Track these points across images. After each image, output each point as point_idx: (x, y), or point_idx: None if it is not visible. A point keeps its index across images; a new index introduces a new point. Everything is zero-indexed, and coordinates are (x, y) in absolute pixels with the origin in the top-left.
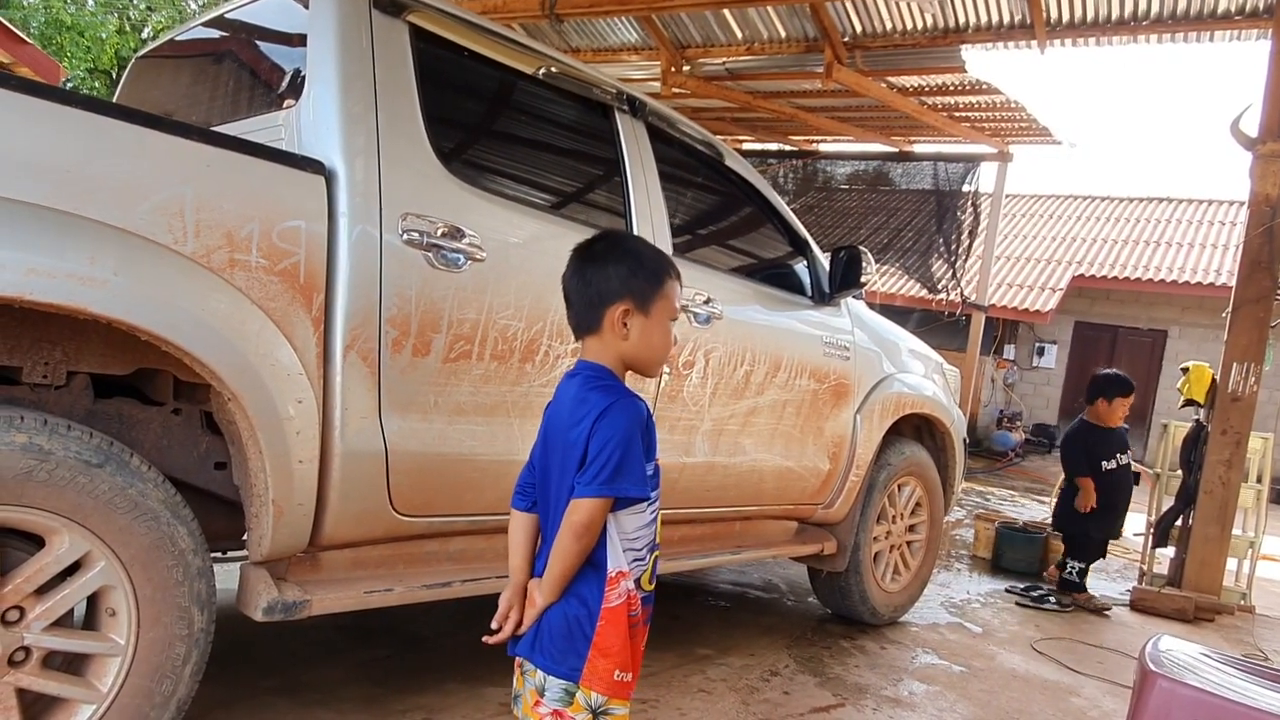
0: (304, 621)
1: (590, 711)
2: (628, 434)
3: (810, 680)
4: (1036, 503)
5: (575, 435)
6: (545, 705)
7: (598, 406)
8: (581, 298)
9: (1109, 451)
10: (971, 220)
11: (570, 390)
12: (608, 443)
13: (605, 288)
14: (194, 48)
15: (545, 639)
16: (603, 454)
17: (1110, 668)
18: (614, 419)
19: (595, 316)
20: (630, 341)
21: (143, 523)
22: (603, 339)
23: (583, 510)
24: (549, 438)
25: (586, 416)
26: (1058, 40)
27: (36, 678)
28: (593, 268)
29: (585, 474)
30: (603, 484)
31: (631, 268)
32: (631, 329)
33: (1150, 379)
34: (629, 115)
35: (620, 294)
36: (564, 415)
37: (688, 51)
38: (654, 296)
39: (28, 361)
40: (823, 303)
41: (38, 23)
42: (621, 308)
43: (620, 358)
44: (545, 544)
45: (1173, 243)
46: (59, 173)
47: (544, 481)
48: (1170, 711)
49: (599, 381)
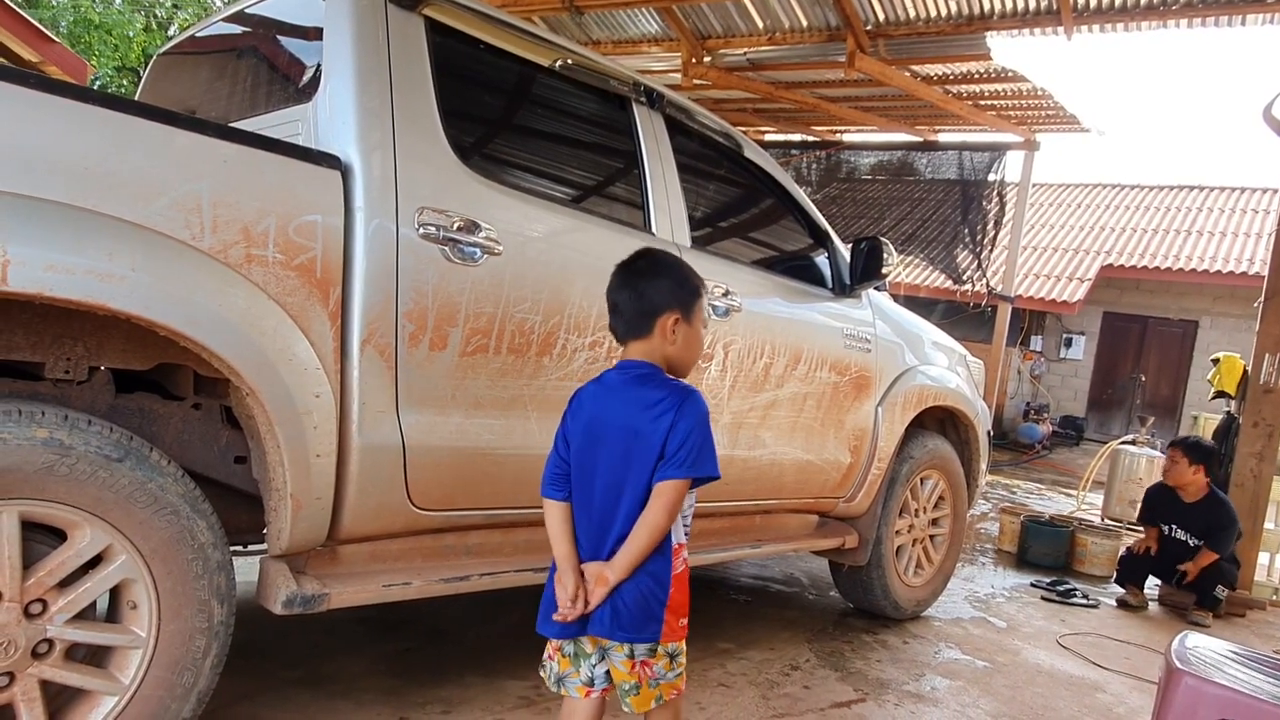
0: (324, 614)
1: (668, 657)
2: (705, 421)
3: (831, 675)
4: (1064, 495)
5: (650, 426)
6: (637, 662)
7: (673, 400)
8: (635, 308)
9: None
10: (997, 210)
11: (626, 387)
12: (691, 431)
13: (658, 299)
14: (213, 43)
15: (624, 616)
16: (689, 441)
17: (1137, 664)
18: (692, 410)
19: (648, 324)
20: (676, 346)
21: (163, 517)
22: (650, 343)
23: (674, 491)
24: (597, 430)
25: (665, 410)
26: (1085, 26)
27: (60, 670)
28: (644, 282)
29: (674, 459)
30: (690, 466)
31: (678, 281)
32: (679, 335)
33: (1180, 370)
34: (646, 107)
35: (671, 305)
36: (626, 409)
37: (708, 42)
38: (695, 307)
39: (50, 357)
40: (843, 294)
41: (66, 22)
42: (673, 316)
43: (665, 359)
44: (584, 529)
45: (1204, 231)
46: (78, 169)
47: (587, 471)
48: (1196, 709)
49: (660, 379)
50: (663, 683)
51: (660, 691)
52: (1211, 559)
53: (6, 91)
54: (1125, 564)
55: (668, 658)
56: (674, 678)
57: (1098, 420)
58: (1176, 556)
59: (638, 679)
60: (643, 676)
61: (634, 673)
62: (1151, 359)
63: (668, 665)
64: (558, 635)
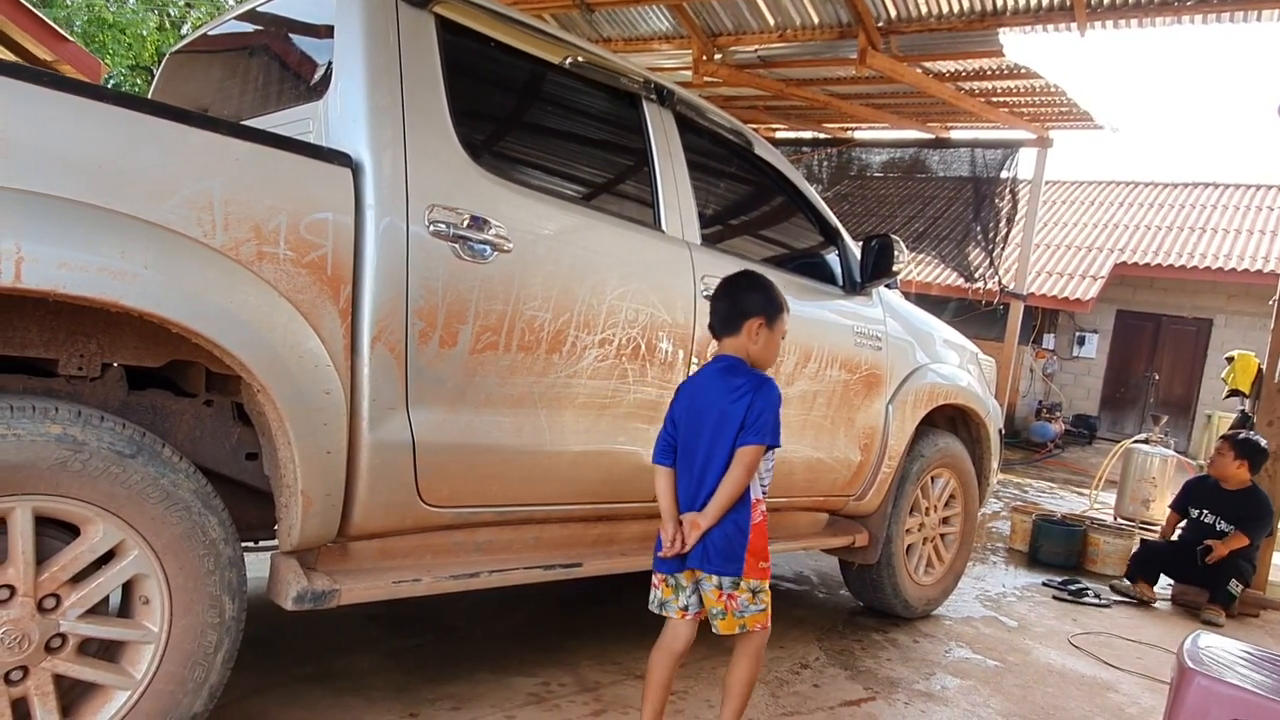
0: (335, 610)
1: (750, 592)
2: (777, 403)
3: (841, 673)
4: (1076, 495)
5: (734, 405)
6: (724, 593)
7: (752, 384)
8: (731, 310)
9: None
10: (1010, 207)
11: (716, 377)
12: (766, 409)
13: (748, 306)
14: (226, 42)
15: (713, 554)
16: (764, 415)
17: (1149, 664)
18: (766, 393)
19: (737, 324)
20: (758, 346)
21: (175, 512)
22: (738, 340)
23: (751, 454)
24: (696, 407)
25: (745, 393)
26: (1099, 22)
27: (73, 664)
28: (740, 291)
29: (751, 429)
30: (764, 435)
31: (767, 296)
32: (760, 337)
33: (1194, 369)
34: (657, 104)
35: (757, 312)
36: (717, 391)
37: (719, 39)
38: (778, 319)
39: (63, 354)
40: (854, 292)
41: (81, 21)
42: (758, 321)
43: (748, 355)
44: (684, 488)
45: (1218, 229)
46: (90, 168)
47: (689, 444)
48: (1208, 709)
49: (743, 369)
50: (746, 615)
51: (744, 621)
52: (1242, 542)
53: (21, 90)
54: (1138, 558)
55: (750, 592)
56: (756, 611)
57: (1110, 419)
58: (1199, 540)
59: (724, 606)
60: (728, 605)
61: (720, 600)
62: (1165, 357)
63: (750, 599)
64: (665, 570)
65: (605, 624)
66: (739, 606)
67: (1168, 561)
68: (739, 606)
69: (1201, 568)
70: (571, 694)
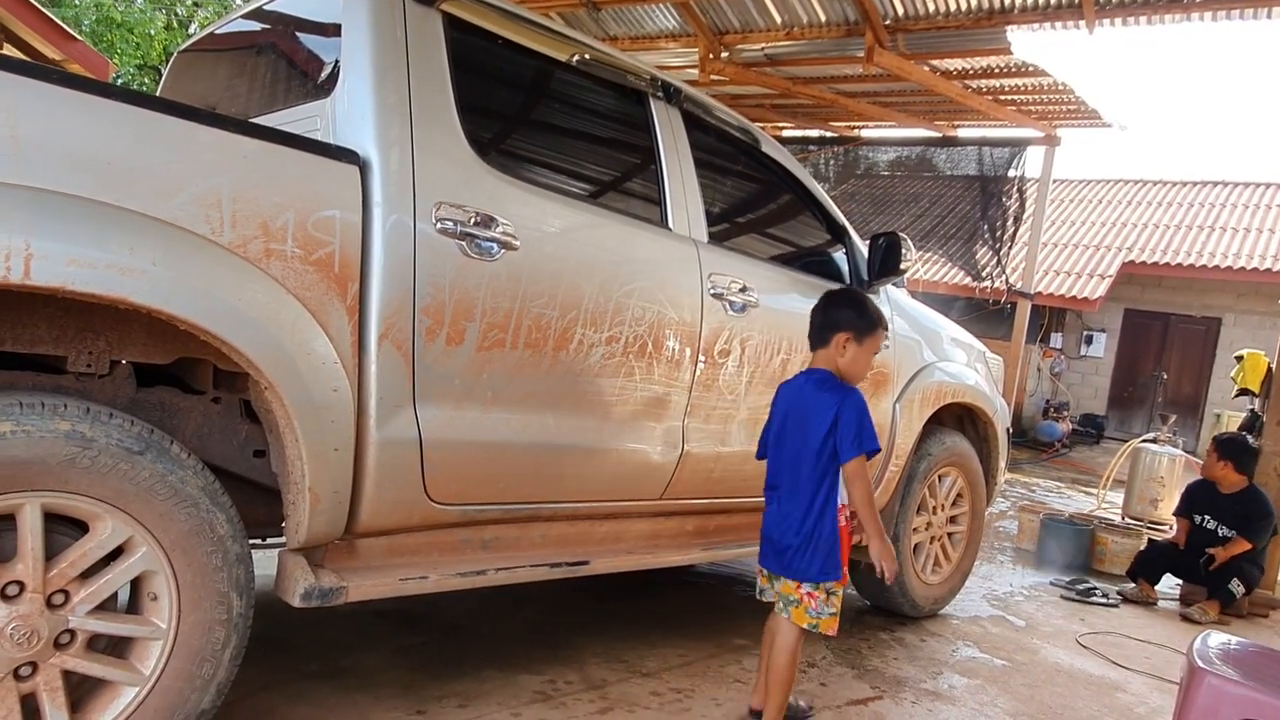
0: (343, 607)
1: (826, 594)
2: (862, 411)
3: (848, 672)
4: (1083, 494)
5: (819, 418)
6: (803, 588)
7: (836, 400)
8: (823, 323)
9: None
10: (1017, 206)
11: (809, 386)
12: (852, 421)
13: (839, 321)
14: (233, 40)
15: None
16: (851, 429)
17: (1158, 663)
18: (852, 404)
19: (828, 338)
20: (845, 359)
21: (183, 509)
22: (828, 353)
23: (855, 466)
24: (791, 414)
25: (830, 407)
26: (1107, 20)
27: (81, 660)
28: (833, 306)
29: (845, 445)
30: (858, 447)
31: (858, 312)
32: (848, 351)
33: (1203, 368)
34: (664, 102)
35: (845, 327)
36: (809, 401)
37: (726, 38)
38: (867, 335)
39: (72, 351)
40: (862, 290)
41: (89, 21)
42: (845, 336)
43: (837, 367)
44: (771, 481)
45: (1227, 227)
46: (99, 165)
47: (781, 444)
48: (1219, 709)
49: (831, 383)
50: (821, 616)
51: (818, 622)
52: (1244, 548)
53: (31, 88)
54: (1143, 558)
55: (825, 594)
56: (829, 615)
57: (1118, 418)
58: (1204, 547)
59: (800, 598)
60: (805, 600)
61: (798, 592)
62: (1173, 356)
63: (825, 600)
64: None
65: (612, 622)
66: (816, 606)
67: (1173, 562)
68: (816, 606)
69: (1203, 569)
70: (578, 692)
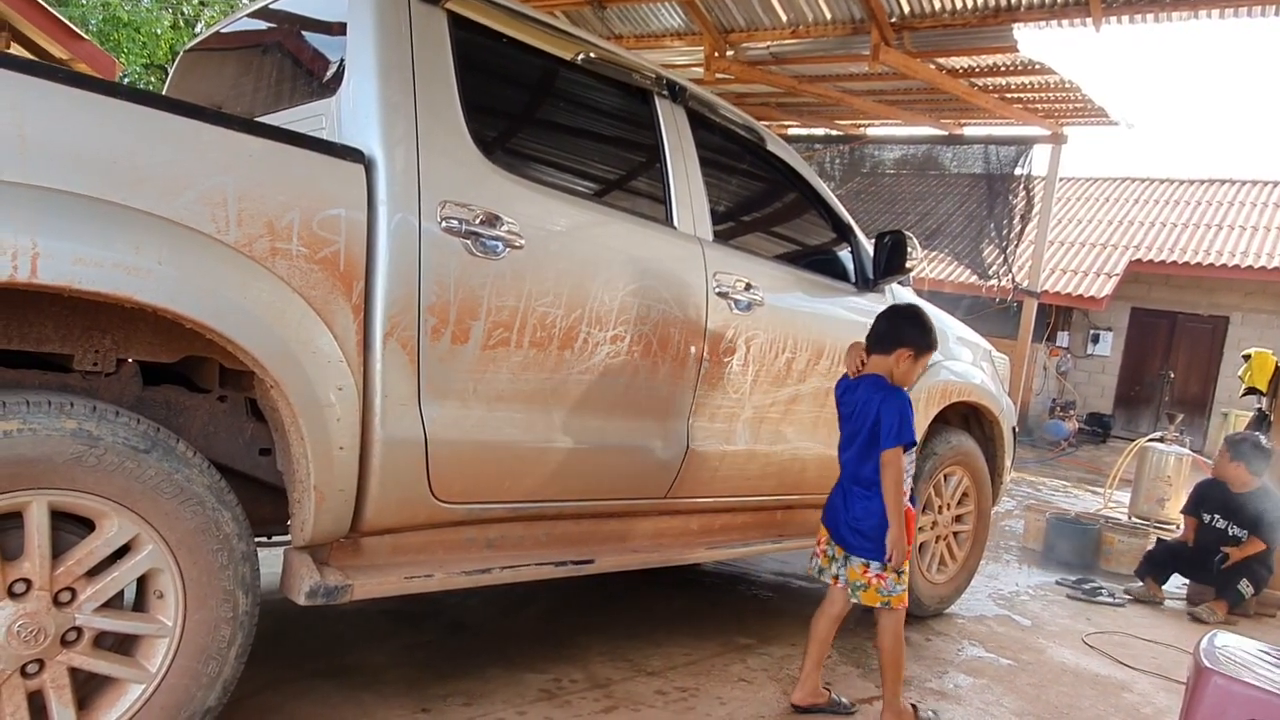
0: (348, 606)
1: (896, 573)
2: (903, 408)
3: (853, 671)
4: (1090, 493)
5: (873, 414)
6: (871, 571)
7: (880, 398)
8: (888, 334)
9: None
10: (1024, 204)
11: (865, 388)
12: (890, 415)
13: (904, 337)
14: (239, 39)
15: (864, 541)
16: (889, 422)
17: (1164, 663)
18: (892, 400)
19: (890, 348)
20: (900, 370)
21: (188, 507)
22: (885, 360)
23: (889, 455)
24: (854, 413)
25: (876, 404)
26: (1114, 17)
27: (88, 657)
28: (903, 322)
29: (885, 437)
30: (892, 438)
31: (923, 332)
32: (903, 364)
33: (1210, 367)
34: (669, 100)
35: (909, 344)
36: (865, 401)
37: (731, 36)
38: (925, 353)
39: (79, 349)
40: (867, 289)
41: (96, 20)
42: (907, 352)
43: (890, 374)
44: (843, 460)
45: (1235, 226)
46: (105, 164)
47: (846, 439)
48: (1226, 709)
49: (884, 383)
50: (893, 594)
51: (890, 599)
52: (1259, 548)
53: (37, 86)
54: (1150, 557)
55: (895, 574)
56: (900, 591)
57: (1125, 417)
58: (1214, 546)
59: (868, 582)
60: (873, 583)
61: (866, 577)
62: (1180, 355)
63: (895, 579)
64: (836, 540)
65: (617, 621)
66: (887, 586)
67: (1181, 561)
68: (887, 586)
69: (1215, 569)
70: (582, 690)
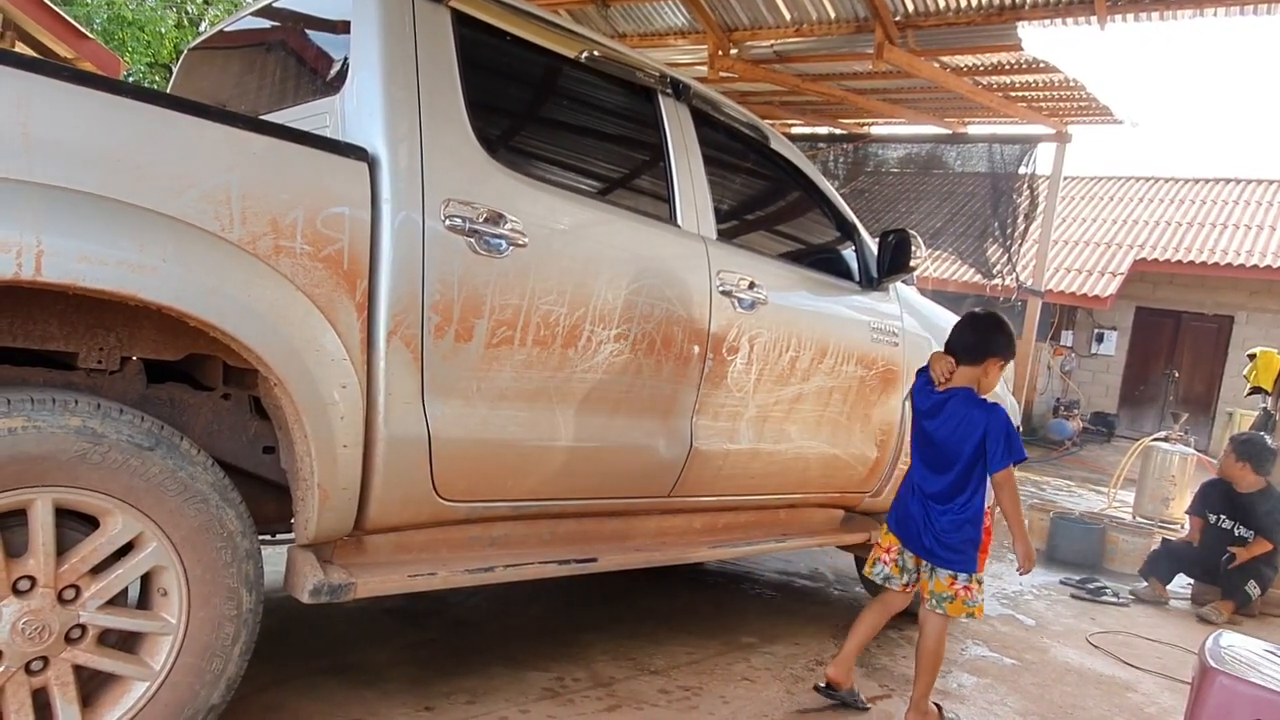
0: (352, 604)
1: (978, 583)
2: (1007, 423)
3: (857, 670)
4: (1094, 493)
5: (972, 429)
6: (959, 583)
7: (984, 416)
8: (978, 345)
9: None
10: (1028, 203)
11: (957, 400)
12: (1000, 434)
13: (995, 347)
14: (243, 38)
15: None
16: (1000, 441)
17: (1169, 663)
18: (997, 417)
19: (981, 359)
20: (988, 378)
21: (192, 505)
22: (974, 371)
23: (1004, 475)
24: (941, 423)
25: (981, 420)
26: (1119, 15)
27: (92, 654)
28: (991, 332)
29: (997, 458)
30: (1007, 458)
31: (1007, 340)
32: (991, 372)
33: (1215, 366)
34: (673, 99)
35: (999, 353)
36: (958, 414)
37: (735, 34)
38: (1010, 358)
39: (83, 347)
40: (871, 288)
41: (101, 19)
42: (998, 361)
43: (977, 384)
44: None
45: (1240, 224)
46: (109, 162)
47: (928, 447)
48: (1231, 709)
49: (976, 397)
50: (975, 605)
51: (973, 611)
52: (1266, 548)
53: (41, 85)
54: (1155, 557)
55: (978, 584)
56: (981, 602)
57: (1129, 417)
58: (1220, 546)
59: (954, 593)
60: (960, 594)
61: (953, 588)
62: (1185, 354)
63: (978, 589)
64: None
65: (620, 619)
66: (971, 597)
67: (1186, 562)
68: (971, 597)
69: (1221, 569)
70: (585, 689)
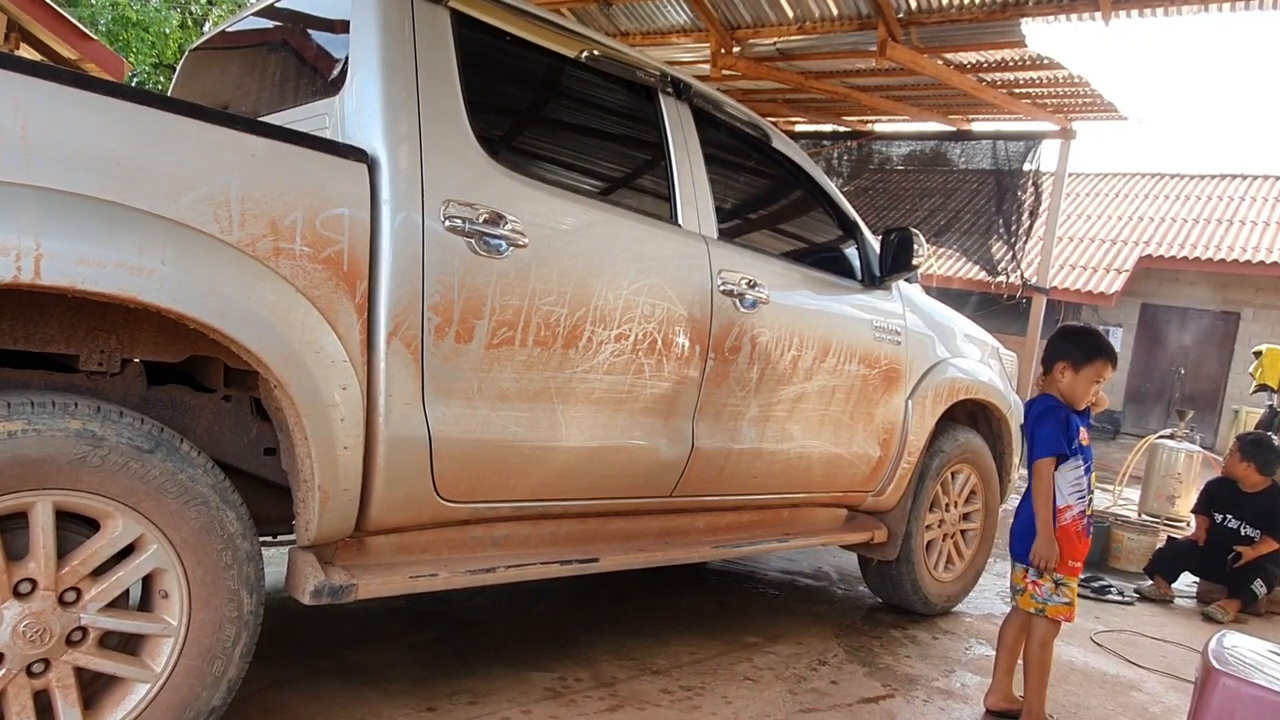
0: (353, 604)
1: (1054, 583)
2: (1044, 418)
3: (859, 670)
4: (1099, 490)
5: (1029, 428)
6: (1029, 576)
7: (1036, 410)
8: (1046, 353)
9: None
10: (1032, 200)
11: (1034, 406)
12: (1035, 429)
13: (1057, 352)
14: (244, 38)
15: (1019, 546)
16: (1033, 435)
17: (1174, 662)
18: (1042, 413)
19: (1050, 365)
20: (1063, 384)
21: (193, 507)
22: (1050, 378)
23: (1037, 467)
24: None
25: (1031, 417)
26: (1123, 11)
27: (94, 657)
28: (1055, 338)
29: (1032, 446)
30: (1034, 452)
31: (1075, 344)
32: (1065, 378)
33: (1221, 363)
34: (673, 98)
35: (1063, 357)
36: (1027, 415)
37: (738, 32)
38: (1084, 364)
39: (83, 350)
40: (873, 286)
41: (105, 20)
42: (1064, 365)
43: (1059, 392)
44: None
45: (1246, 221)
46: (108, 164)
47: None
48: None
49: (1040, 399)
50: (1048, 603)
51: (1045, 608)
52: (1273, 547)
53: (39, 88)
54: (1160, 555)
55: (1053, 584)
56: (1060, 603)
57: (1135, 414)
58: (1225, 545)
59: (1025, 586)
60: (1029, 588)
61: (1024, 581)
62: (1191, 352)
63: (1053, 589)
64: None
65: (622, 619)
66: (1042, 594)
67: (1191, 560)
68: (1042, 594)
69: (1227, 568)
70: (588, 689)
